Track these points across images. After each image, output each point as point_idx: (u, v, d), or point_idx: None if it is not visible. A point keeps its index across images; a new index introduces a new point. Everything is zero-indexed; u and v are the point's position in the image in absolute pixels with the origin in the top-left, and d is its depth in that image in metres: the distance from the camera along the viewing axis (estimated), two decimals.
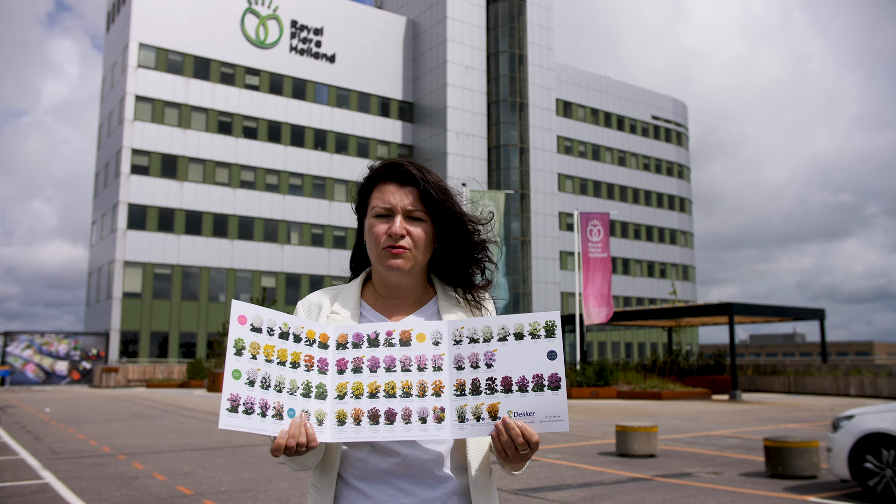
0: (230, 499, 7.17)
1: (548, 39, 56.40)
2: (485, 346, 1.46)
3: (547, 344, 1.43)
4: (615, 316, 31.57)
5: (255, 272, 46.99)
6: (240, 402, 1.40)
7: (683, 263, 66.23)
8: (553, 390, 1.40)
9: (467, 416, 1.42)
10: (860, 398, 25.63)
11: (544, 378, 1.41)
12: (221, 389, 1.46)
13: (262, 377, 1.43)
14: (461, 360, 1.46)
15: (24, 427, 14.84)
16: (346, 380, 1.48)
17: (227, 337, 1.49)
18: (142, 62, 44.70)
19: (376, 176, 1.66)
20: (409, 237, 1.59)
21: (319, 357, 1.50)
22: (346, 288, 1.70)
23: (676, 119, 67.88)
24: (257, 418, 1.40)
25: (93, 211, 50.80)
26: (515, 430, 1.38)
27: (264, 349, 1.45)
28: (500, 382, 1.42)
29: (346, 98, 52.16)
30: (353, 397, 1.45)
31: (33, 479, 8.36)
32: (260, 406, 1.41)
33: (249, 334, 1.44)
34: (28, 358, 40.73)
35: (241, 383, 1.41)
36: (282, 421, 1.42)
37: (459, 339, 1.48)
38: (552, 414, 1.40)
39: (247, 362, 1.43)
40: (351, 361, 1.49)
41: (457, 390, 1.44)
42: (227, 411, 1.38)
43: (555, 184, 55.03)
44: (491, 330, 1.46)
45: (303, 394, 1.46)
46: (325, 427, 1.44)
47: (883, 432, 6.99)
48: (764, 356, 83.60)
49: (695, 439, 12.36)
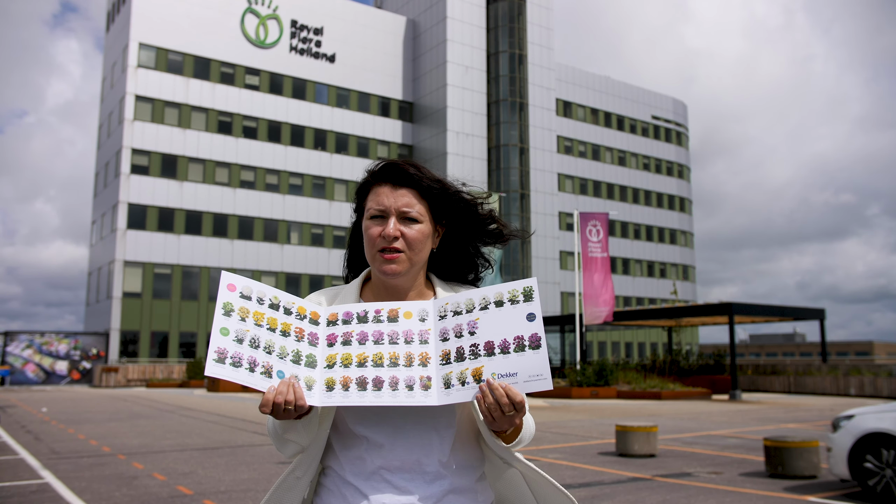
0: (230, 499, 7.17)
1: (548, 39, 56.40)
2: (468, 317, 1.49)
3: (526, 307, 1.47)
4: (615, 316, 31.56)
5: (255, 272, 46.98)
6: (227, 354, 1.38)
7: (683, 263, 66.24)
8: (534, 349, 1.43)
9: (452, 381, 1.45)
10: (860, 398, 25.63)
11: (525, 339, 1.44)
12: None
13: (251, 337, 1.42)
14: (446, 333, 1.50)
15: (23, 427, 14.84)
16: (336, 351, 1.50)
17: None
18: (142, 62, 44.70)
19: (371, 179, 1.68)
20: (402, 239, 1.60)
21: (310, 331, 1.52)
22: (346, 288, 1.72)
23: (676, 119, 67.88)
24: (245, 371, 1.39)
25: (93, 211, 50.81)
26: (499, 390, 1.40)
27: (254, 315, 1.45)
28: (483, 347, 1.46)
29: (346, 98, 52.17)
30: (341, 366, 1.48)
31: (33, 479, 8.36)
32: (248, 362, 1.40)
33: (239, 300, 1.44)
34: (28, 358, 40.73)
35: (230, 339, 1.39)
36: (270, 379, 1.41)
37: (444, 314, 1.52)
38: (534, 373, 1.42)
39: (235, 322, 1.42)
40: (341, 336, 1.52)
41: (442, 360, 1.47)
42: (214, 361, 1.36)
43: (555, 184, 55.04)
44: (473, 301, 1.51)
45: (292, 360, 1.46)
46: (314, 392, 1.45)
47: (883, 432, 6.99)
48: (764, 356, 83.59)
49: (695, 439, 12.36)
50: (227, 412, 18.48)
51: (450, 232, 1.73)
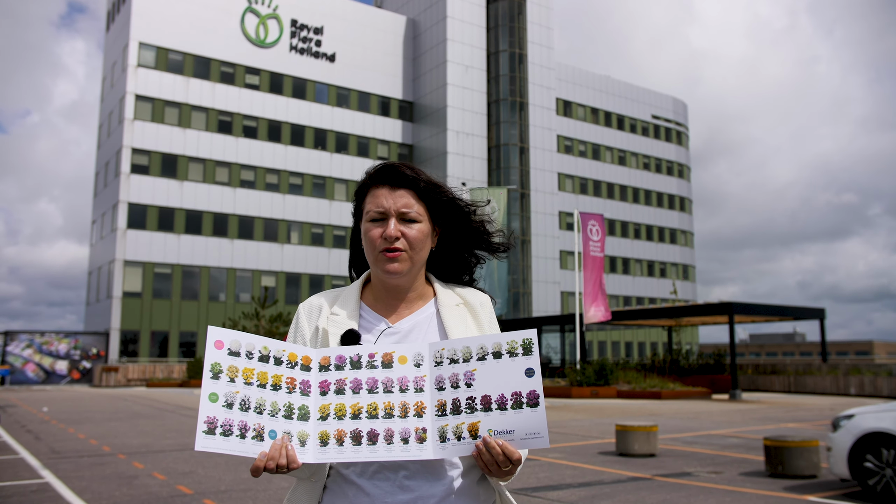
0: (230, 498, 7.17)
1: (548, 38, 56.39)
2: (464, 367, 1.47)
3: (524, 362, 1.44)
4: (615, 315, 31.58)
5: (255, 272, 46.99)
6: (217, 424, 1.37)
7: (683, 263, 66.23)
8: (532, 407, 1.42)
9: (448, 435, 1.43)
10: (860, 398, 25.63)
11: (523, 395, 1.42)
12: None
13: (241, 399, 1.40)
14: (442, 381, 1.47)
15: (24, 426, 14.83)
16: (329, 401, 1.48)
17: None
18: (142, 61, 44.69)
19: (369, 181, 1.69)
20: (403, 239, 1.61)
21: (302, 379, 1.49)
22: (347, 290, 1.73)
23: (676, 118, 67.85)
24: (236, 440, 1.37)
25: (93, 210, 50.80)
26: (496, 448, 1.40)
27: (243, 372, 1.43)
28: (480, 401, 1.44)
29: (346, 97, 52.15)
30: (335, 418, 1.46)
31: (33, 479, 8.36)
32: (239, 428, 1.38)
33: (227, 358, 1.42)
34: (28, 357, 40.73)
35: (219, 406, 1.38)
36: (262, 442, 1.40)
37: (440, 360, 1.49)
38: (532, 431, 1.41)
39: (224, 385, 1.40)
40: (334, 383, 1.49)
41: (438, 410, 1.45)
42: (204, 433, 1.35)
43: (555, 183, 55.03)
44: (470, 350, 1.48)
45: (284, 415, 1.44)
46: (308, 448, 1.44)
47: (883, 432, 6.99)
48: (764, 356, 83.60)
49: (695, 439, 12.36)
50: None
51: (445, 235, 1.74)
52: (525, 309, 51.28)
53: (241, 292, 46.39)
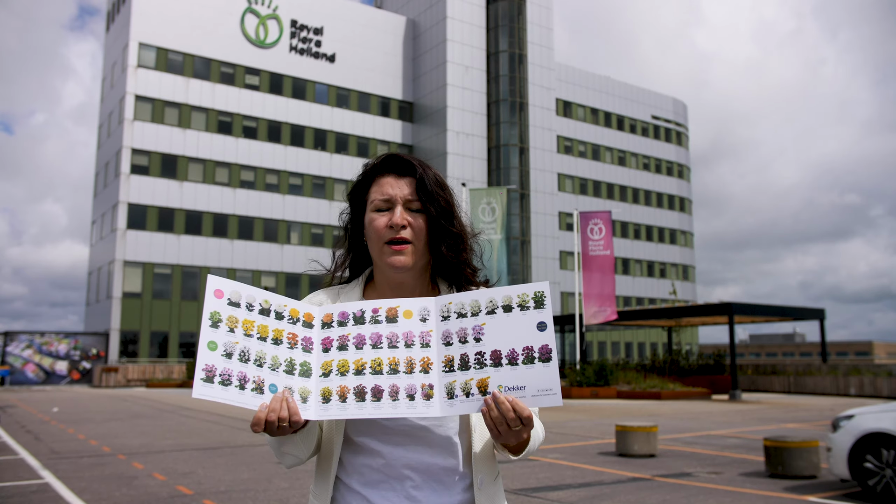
0: (230, 499, 7.17)
1: (548, 39, 56.40)
2: (473, 321, 1.40)
3: (536, 315, 1.37)
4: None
5: (255, 272, 47.00)
6: (216, 372, 1.31)
7: (683, 263, 66.24)
8: (544, 362, 1.35)
9: (456, 392, 1.37)
10: (860, 398, 25.63)
11: (534, 350, 1.36)
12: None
13: (240, 350, 1.35)
14: (449, 336, 1.41)
15: (23, 427, 14.83)
16: (332, 357, 1.42)
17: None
18: (142, 62, 44.69)
19: (373, 170, 1.62)
20: (410, 228, 1.54)
21: (304, 335, 1.43)
22: (348, 287, 1.66)
23: (676, 119, 67.87)
24: (235, 390, 1.32)
25: (93, 211, 50.80)
26: (506, 404, 1.33)
27: (243, 324, 1.37)
28: (490, 356, 1.37)
29: (346, 98, 52.16)
30: (338, 374, 1.39)
31: (33, 479, 8.36)
32: (238, 378, 1.33)
33: (226, 308, 1.37)
34: (28, 358, 40.72)
35: (218, 354, 1.33)
36: (262, 395, 1.35)
37: (447, 314, 1.43)
38: (544, 387, 1.34)
39: (224, 335, 1.34)
40: (336, 339, 1.43)
41: (445, 366, 1.39)
42: (202, 381, 1.30)
43: (555, 183, 55.04)
44: (479, 303, 1.41)
45: (285, 370, 1.38)
46: (310, 404, 1.38)
47: (883, 432, 6.99)
48: (764, 356, 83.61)
49: (695, 439, 12.36)
50: (227, 412, 18.47)
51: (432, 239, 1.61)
52: None
53: None
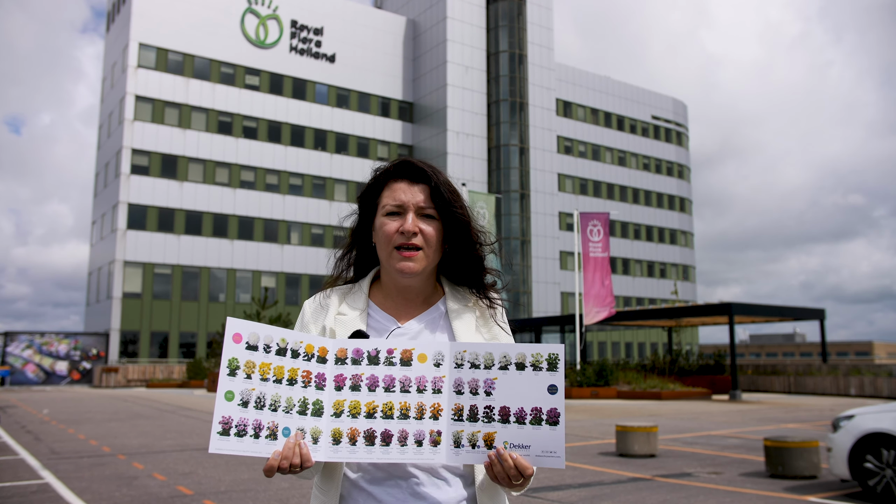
0: (230, 499, 7.17)
1: (548, 39, 56.41)
2: (485, 373, 1.42)
3: (548, 377, 1.40)
4: (615, 316, 31.55)
5: (255, 272, 46.99)
6: (232, 424, 1.36)
7: (683, 263, 66.24)
8: (551, 425, 1.38)
9: (463, 442, 1.40)
10: (860, 398, 25.62)
11: (543, 412, 1.39)
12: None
13: (256, 397, 1.39)
14: (461, 385, 1.43)
15: (24, 427, 14.83)
16: (344, 397, 1.44)
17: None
18: (142, 62, 44.70)
19: (387, 174, 1.63)
20: (421, 235, 1.55)
21: (317, 372, 1.45)
22: (354, 288, 1.67)
23: (676, 119, 67.87)
24: (250, 440, 1.37)
25: (93, 211, 50.81)
26: (509, 461, 1.36)
27: (260, 367, 1.41)
28: (498, 412, 1.40)
29: (346, 98, 52.16)
30: (349, 416, 1.42)
31: (33, 479, 8.36)
32: (253, 427, 1.37)
33: (244, 353, 1.40)
34: (28, 358, 40.73)
35: (234, 405, 1.37)
36: (276, 441, 1.38)
37: (461, 362, 1.44)
38: (549, 449, 1.37)
39: (241, 382, 1.39)
40: (349, 378, 1.45)
41: (455, 415, 1.41)
42: (219, 434, 1.34)
43: (555, 184, 55.04)
44: (493, 357, 1.43)
45: (299, 411, 1.42)
46: (321, 445, 1.41)
47: (883, 432, 6.99)
48: (764, 356, 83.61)
49: (695, 439, 12.36)
50: None
51: (448, 243, 1.66)
52: (525, 309, 51.28)
53: (241, 293, 46.38)
